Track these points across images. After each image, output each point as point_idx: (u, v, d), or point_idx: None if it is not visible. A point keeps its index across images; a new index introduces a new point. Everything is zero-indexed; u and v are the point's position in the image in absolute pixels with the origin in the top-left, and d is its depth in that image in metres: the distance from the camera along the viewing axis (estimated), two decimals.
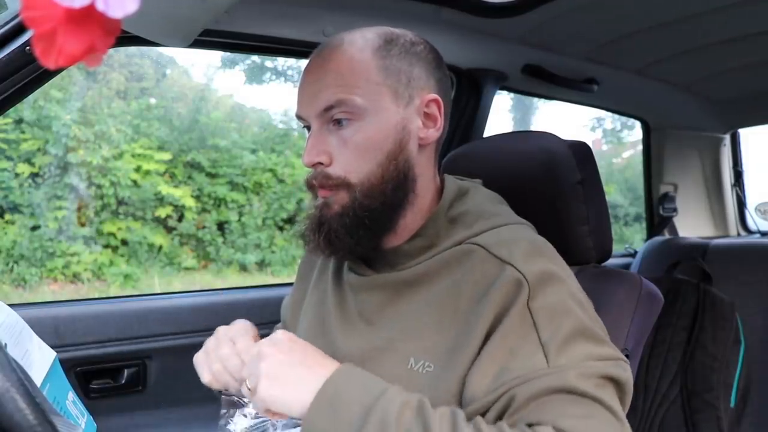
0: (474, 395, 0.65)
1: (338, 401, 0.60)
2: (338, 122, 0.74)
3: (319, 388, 0.61)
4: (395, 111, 0.74)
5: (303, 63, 0.80)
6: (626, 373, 0.66)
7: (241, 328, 0.79)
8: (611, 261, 1.78)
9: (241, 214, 5.53)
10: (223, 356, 0.75)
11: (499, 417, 0.63)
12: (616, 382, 0.65)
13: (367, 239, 0.76)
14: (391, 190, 0.74)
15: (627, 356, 0.89)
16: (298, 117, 0.78)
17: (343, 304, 0.82)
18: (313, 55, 0.78)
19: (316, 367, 0.64)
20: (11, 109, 1.03)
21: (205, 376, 0.76)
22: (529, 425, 0.60)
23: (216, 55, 6.34)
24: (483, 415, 0.64)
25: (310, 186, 0.77)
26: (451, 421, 0.59)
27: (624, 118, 6.23)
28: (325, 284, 0.88)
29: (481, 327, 0.67)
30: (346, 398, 0.60)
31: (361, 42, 0.75)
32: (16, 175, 4.73)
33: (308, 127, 0.78)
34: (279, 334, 0.68)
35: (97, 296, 3.44)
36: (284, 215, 5.67)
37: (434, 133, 0.78)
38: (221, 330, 0.80)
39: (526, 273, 0.68)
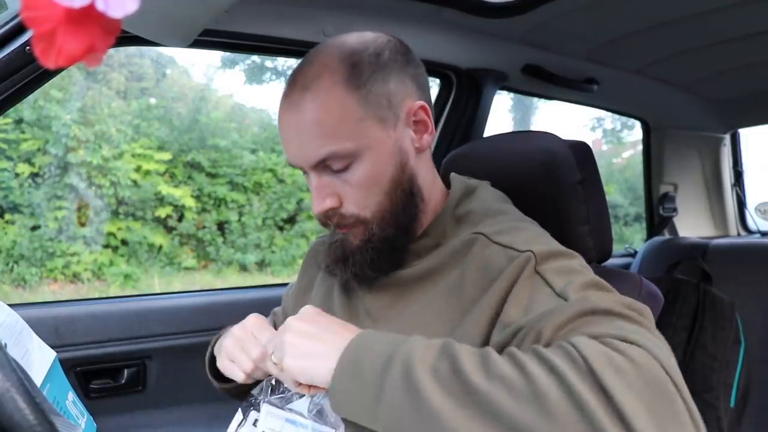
0: (496, 342, 0.63)
1: (360, 359, 0.58)
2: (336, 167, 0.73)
3: (341, 353, 0.60)
4: (387, 137, 0.73)
5: None
6: (648, 310, 0.62)
7: (257, 322, 0.79)
8: (611, 261, 1.77)
9: (241, 214, 5.53)
10: (246, 348, 0.75)
11: None
12: (640, 314, 0.61)
13: (392, 260, 0.77)
14: (402, 212, 0.75)
15: None
16: (292, 165, 0.77)
17: (351, 304, 0.83)
18: (283, 107, 0.73)
19: (338, 334, 0.63)
20: (11, 109, 1.03)
21: (247, 366, 0.75)
22: None
23: (216, 55, 6.35)
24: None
25: (325, 225, 0.77)
26: (480, 353, 0.56)
27: (624, 118, 6.22)
28: (331, 282, 0.88)
29: (489, 308, 0.66)
30: (367, 355, 0.58)
31: (328, 80, 0.70)
32: (16, 175, 4.73)
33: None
34: (307, 308, 0.67)
35: (97, 296, 3.44)
36: (284, 215, 5.67)
37: (428, 137, 0.78)
38: (237, 328, 0.79)
39: (532, 249, 0.67)
